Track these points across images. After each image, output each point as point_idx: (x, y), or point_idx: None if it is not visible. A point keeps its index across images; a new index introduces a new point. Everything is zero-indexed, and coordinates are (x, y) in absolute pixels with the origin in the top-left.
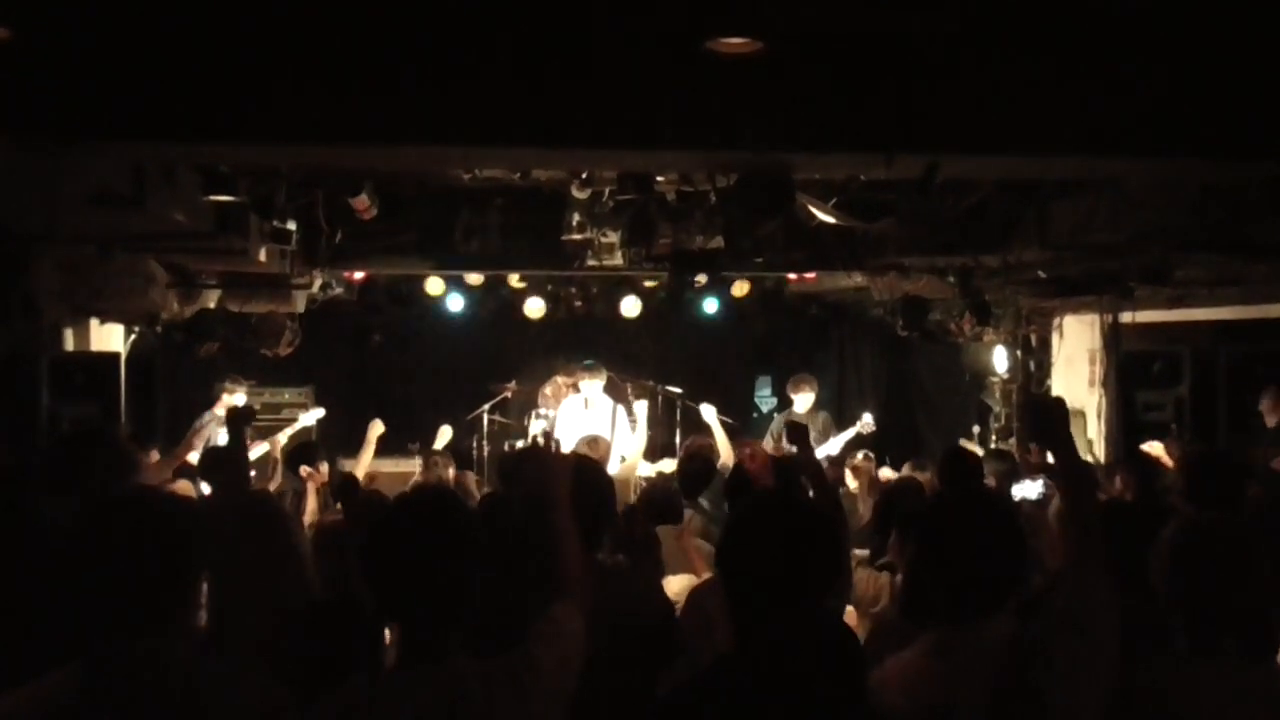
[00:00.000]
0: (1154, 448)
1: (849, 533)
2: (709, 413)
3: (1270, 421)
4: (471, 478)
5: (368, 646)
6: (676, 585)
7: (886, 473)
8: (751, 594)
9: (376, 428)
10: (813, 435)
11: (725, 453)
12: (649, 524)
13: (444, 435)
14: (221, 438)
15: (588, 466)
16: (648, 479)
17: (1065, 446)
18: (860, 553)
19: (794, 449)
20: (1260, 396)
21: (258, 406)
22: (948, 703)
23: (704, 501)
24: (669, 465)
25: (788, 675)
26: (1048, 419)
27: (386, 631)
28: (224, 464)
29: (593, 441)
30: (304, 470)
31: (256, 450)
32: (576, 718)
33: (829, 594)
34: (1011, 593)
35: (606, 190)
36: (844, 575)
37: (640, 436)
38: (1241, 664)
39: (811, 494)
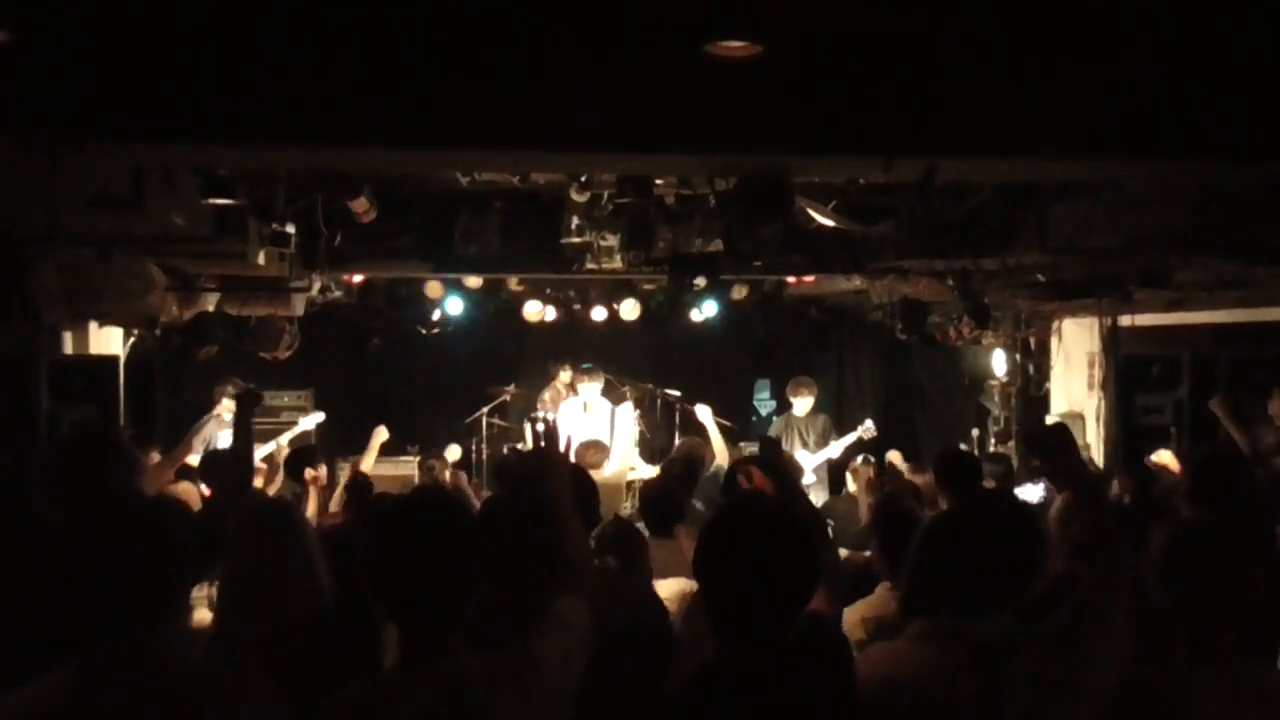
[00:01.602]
0: (1162, 456)
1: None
2: (704, 413)
3: None
4: (464, 478)
5: (369, 647)
6: (667, 590)
7: (895, 458)
8: (728, 601)
9: (380, 434)
10: (812, 439)
11: (720, 454)
12: (641, 527)
13: (452, 453)
14: (223, 440)
15: (574, 470)
16: (647, 481)
17: (1073, 470)
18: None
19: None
20: (1269, 400)
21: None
22: (927, 686)
23: (696, 503)
24: None
25: (774, 682)
26: (1050, 447)
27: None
28: (229, 463)
29: (594, 446)
30: (309, 474)
31: (255, 453)
32: None
33: (808, 596)
34: (1020, 596)
35: (605, 194)
36: (834, 578)
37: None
38: (1241, 665)
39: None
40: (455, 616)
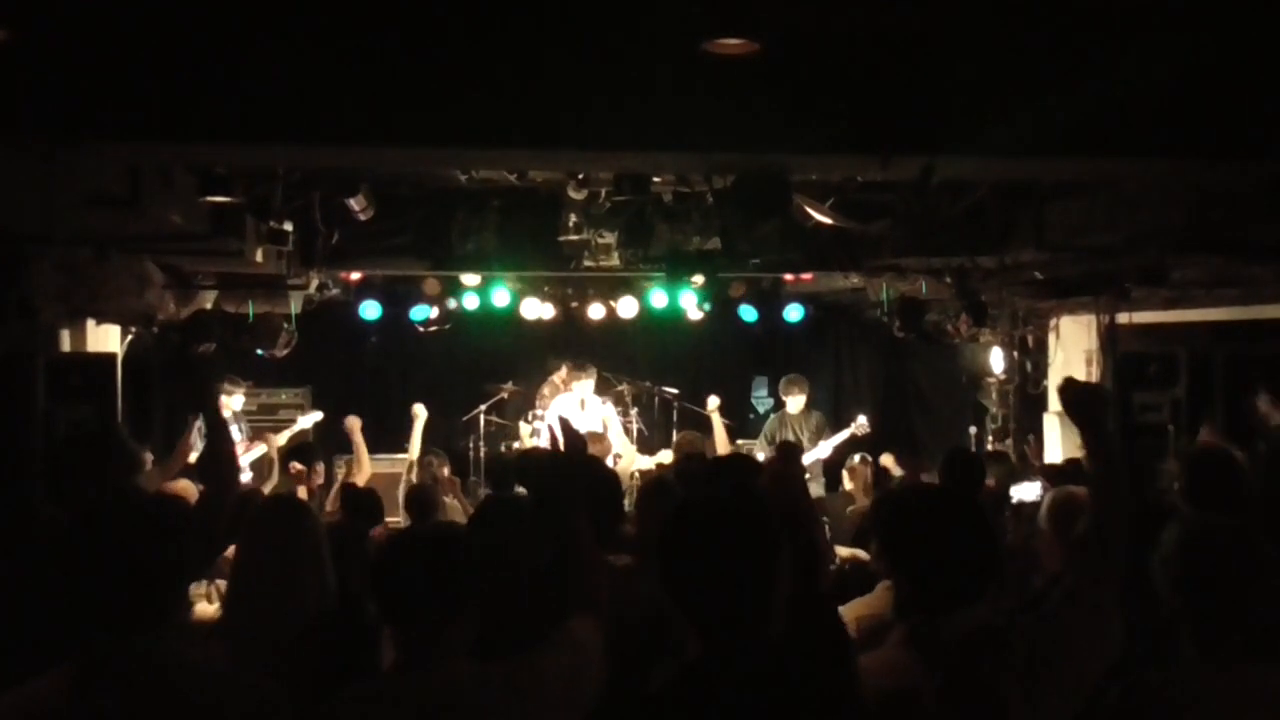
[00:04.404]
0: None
1: (813, 530)
2: (713, 404)
3: (1274, 422)
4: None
5: (368, 648)
6: None
7: (888, 461)
8: (692, 605)
9: (353, 424)
10: (806, 436)
11: (723, 447)
12: (644, 521)
13: (419, 415)
14: None
15: (595, 464)
16: (643, 472)
17: (1098, 429)
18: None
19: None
20: (1255, 400)
21: (254, 408)
22: (915, 689)
23: None
24: (666, 455)
25: (758, 682)
26: (1087, 402)
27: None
28: (210, 460)
29: (595, 438)
30: (294, 467)
31: (254, 452)
32: None
33: (770, 586)
34: (984, 585)
35: (603, 191)
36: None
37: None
38: (1249, 668)
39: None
40: (452, 621)
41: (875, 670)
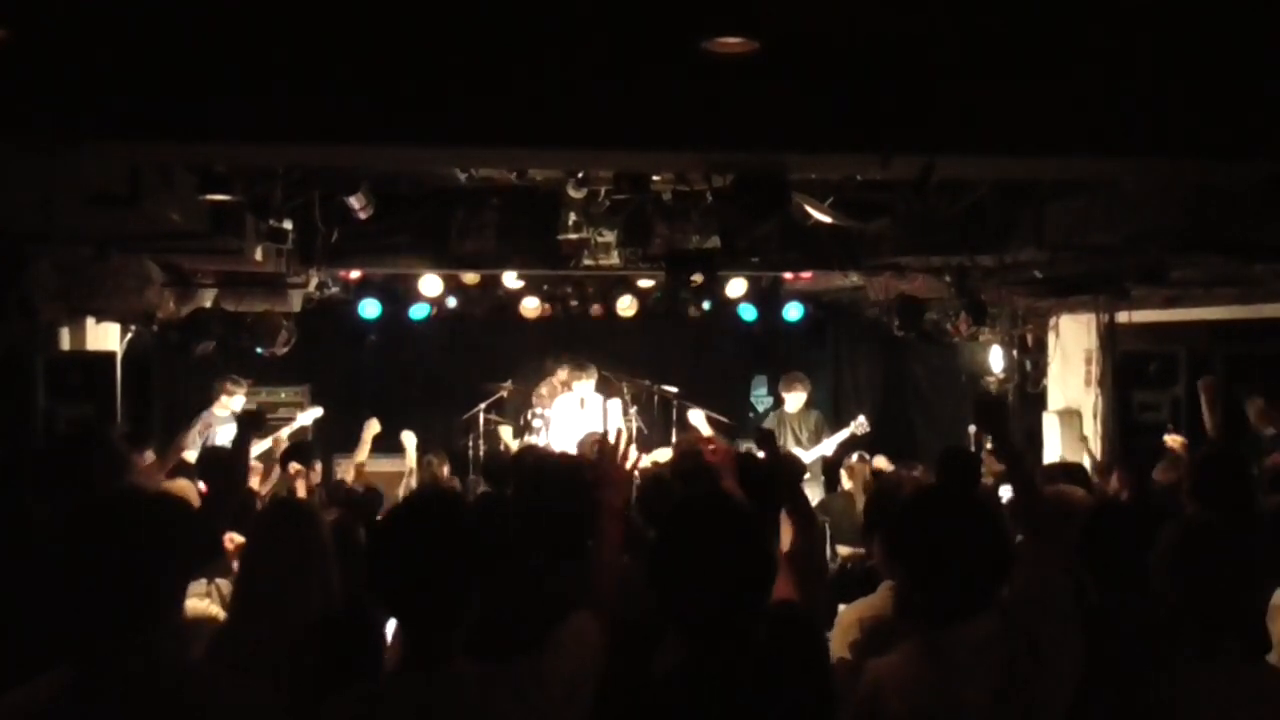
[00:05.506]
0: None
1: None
2: (698, 417)
3: (1268, 432)
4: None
5: (370, 650)
6: None
7: (881, 462)
8: (684, 609)
9: (372, 427)
10: (805, 435)
11: None
12: (643, 522)
13: (408, 439)
14: (222, 436)
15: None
16: (642, 470)
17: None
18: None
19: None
20: (1246, 408)
21: (254, 406)
22: (946, 705)
23: None
24: (664, 454)
25: (741, 684)
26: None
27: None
28: (225, 465)
29: (595, 439)
30: (293, 468)
31: (253, 450)
32: None
33: (764, 589)
34: (995, 589)
35: (602, 190)
36: (808, 566)
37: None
38: (1244, 665)
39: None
40: (454, 619)
41: (899, 684)
